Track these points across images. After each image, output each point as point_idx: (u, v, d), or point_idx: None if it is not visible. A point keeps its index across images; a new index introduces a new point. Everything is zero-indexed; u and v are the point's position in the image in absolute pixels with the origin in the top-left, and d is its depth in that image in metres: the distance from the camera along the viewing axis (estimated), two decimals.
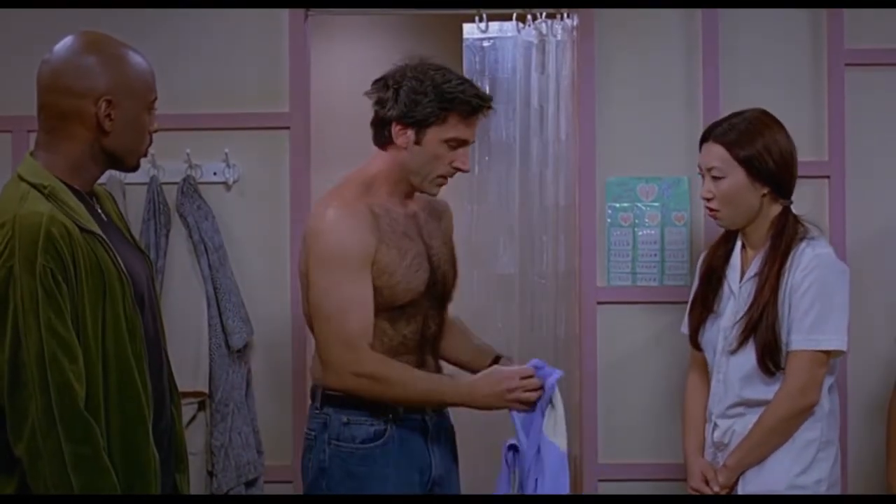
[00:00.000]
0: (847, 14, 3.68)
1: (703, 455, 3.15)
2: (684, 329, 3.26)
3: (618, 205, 3.73)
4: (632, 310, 3.73)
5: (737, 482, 3.06)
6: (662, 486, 3.67)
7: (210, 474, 3.58)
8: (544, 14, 3.88)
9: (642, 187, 3.73)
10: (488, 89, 3.86)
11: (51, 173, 2.36)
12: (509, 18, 3.91)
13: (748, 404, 3.05)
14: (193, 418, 3.58)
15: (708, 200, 3.09)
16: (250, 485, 3.64)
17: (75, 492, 2.23)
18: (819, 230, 3.13)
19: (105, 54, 2.40)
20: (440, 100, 2.84)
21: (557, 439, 2.83)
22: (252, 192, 3.75)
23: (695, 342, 3.21)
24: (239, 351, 3.63)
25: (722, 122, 3.13)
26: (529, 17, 3.91)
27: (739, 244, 3.15)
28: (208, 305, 3.59)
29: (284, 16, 3.75)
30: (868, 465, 3.62)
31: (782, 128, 3.09)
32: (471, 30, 3.95)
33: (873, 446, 3.55)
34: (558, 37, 3.87)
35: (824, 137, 3.68)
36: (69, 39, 2.41)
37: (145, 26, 3.64)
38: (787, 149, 3.07)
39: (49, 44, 2.44)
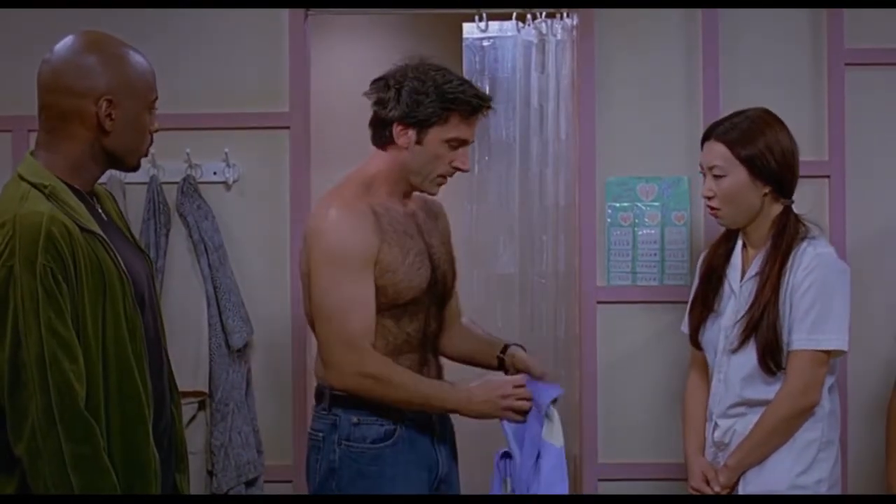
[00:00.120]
0: (847, 14, 3.68)
1: (703, 455, 3.15)
2: (684, 328, 3.26)
3: (618, 204, 3.73)
4: (632, 309, 3.73)
5: (737, 482, 3.06)
6: (662, 485, 3.67)
7: (210, 474, 3.59)
8: (544, 14, 3.88)
9: (642, 187, 3.73)
10: (488, 89, 3.86)
11: (51, 173, 2.35)
12: (509, 18, 3.92)
13: (749, 404, 3.05)
14: (193, 418, 3.58)
15: (709, 199, 3.09)
16: (250, 484, 3.64)
17: (75, 492, 2.22)
18: (820, 230, 3.13)
19: (106, 54, 2.39)
20: (442, 100, 2.85)
21: (554, 439, 2.86)
22: (252, 191, 3.75)
23: (695, 341, 3.21)
24: (239, 350, 3.63)
25: (724, 120, 3.13)
26: (529, 16, 3.91)
27: (740, 243, 3.15)
28: (208, 305, 3.59)
29: (284, 16, 3.75)
30: (868, 465, 3.62)
31: (784, 127, 3.09)
32: (471, 29, 3.95)
33: (873, 446, 3.55)
34: (558, 36, 3.87)
35: (824, 137, 3.68)
36: (70, 39, 2.41)
37: (145, 26, 3.63)
38: (788, 148, 3.07)
39: (49, 44, 2.43)
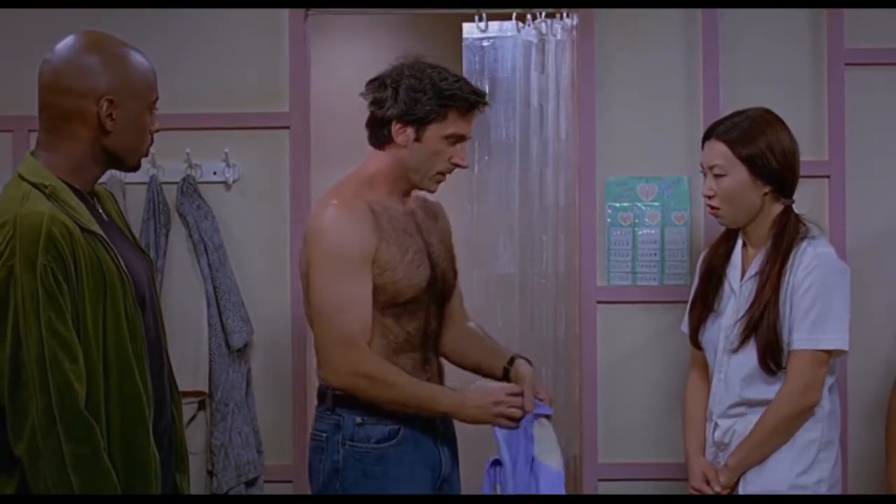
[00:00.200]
0: (847, 14, 3.68)
1: (704, 455, 3.15)
2: (684, 328, 3.26)
3: (618, 204, 3.73)
4: (632, 309, 3.73)
5: (738, 482, 3.06)
6: (662, 485, 3.66)
7: (210, 474, 3.59)
8: (544, 14, 3.88)
9: (642, 187, 3.73)
10: (488, 89, 3.86)
11: (52, 173, 2.35)
12: (509, 18, 3.92)
13: (749, 404, 3.05)
14: (193, 418, 3.58)
15: (709, 198, 3.09)
16: (250, 484, 3.64)
17: (75, 492, 2.22)
18: (820, 229, 3.13)
19: (106, 54, 2.39)
20: (439, 97, 2.86)
21: (551, 461, 2.87)
22: (252, 191, 3.75)
23: (695, 341, 3.21)
24: (239, 350, 3.63)
25: (725, 120, 3.13)
26: (529, 16, 3.91)
27: (740, 243, 3.15)
28: (208, 305, 3.59)
29: (284, 16, 3.74)
30: (868, 465, 3.62)
31: (785, 127, 3.09)
32: (470, 29, 3.95)
33: (873, 446, 3.55)
34: (558, 36, 3.87)
35: (824, 137, 3.68)
36: (70, 39, 2.41)
37: (145, 26, 3.63)
38: (789, 148, 3.07)
39: (49, 44, 2.43)
